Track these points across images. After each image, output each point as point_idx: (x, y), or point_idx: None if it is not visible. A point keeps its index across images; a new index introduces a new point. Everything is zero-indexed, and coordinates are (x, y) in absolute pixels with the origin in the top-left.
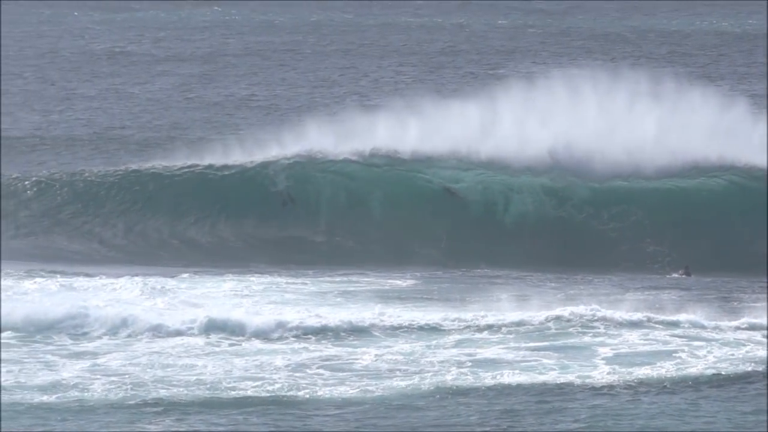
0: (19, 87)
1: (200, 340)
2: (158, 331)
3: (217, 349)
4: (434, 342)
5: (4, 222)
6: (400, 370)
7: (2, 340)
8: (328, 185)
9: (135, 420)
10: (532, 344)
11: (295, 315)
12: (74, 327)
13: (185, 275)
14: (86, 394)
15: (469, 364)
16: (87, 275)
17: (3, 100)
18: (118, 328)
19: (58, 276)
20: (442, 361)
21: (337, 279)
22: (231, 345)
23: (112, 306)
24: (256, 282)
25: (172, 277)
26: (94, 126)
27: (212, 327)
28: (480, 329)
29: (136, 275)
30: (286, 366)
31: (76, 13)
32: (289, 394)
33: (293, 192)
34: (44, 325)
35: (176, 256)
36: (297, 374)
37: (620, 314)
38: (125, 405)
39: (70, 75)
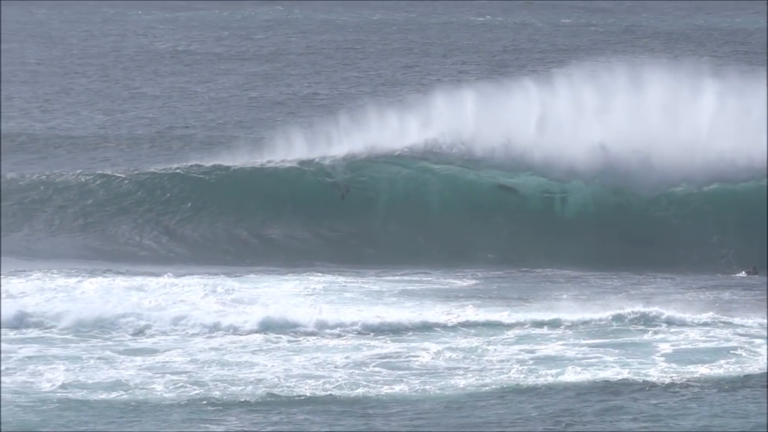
0: (84, 86)
1: (259, 338)
2: (217, 330)
3: (276, 347)
4: (494, 340)
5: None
6: (460, 368)
7: (60, 336)
8: (386, 182)
9: (195, 418)
10: (592, 341)
11: (354, 313)
12: (134, 325)
13: (246, 274)
14: (146, 392)
15: (530, 361)
16: (151, 274)
17: (67, 98)
18: (178, 326)
19: (119, 275)
20: (502, 359)
21: (397, 278)
22: (290, 343)
23: (174, 304)
24: (316, 280)
25: (233, 275)
26: (158, 124)
27: (271, 325)
28: (540, 326)
29: (198, 274)
30: (346, 364)
31: (139, 12)
32: (348, 392)
33: (350, 184)
34: (104, 324)
35: (238, 254)
36: (356, 372)
37: (682, 314)
38: (185, 403)
39: (134, 74)
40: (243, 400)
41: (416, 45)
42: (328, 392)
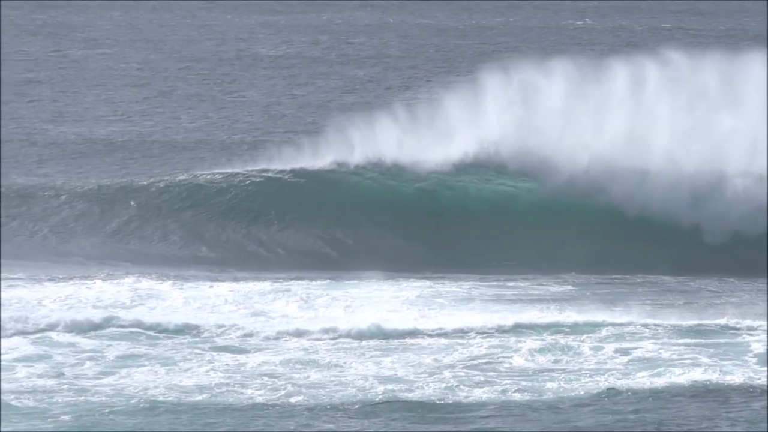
0: (184, 90)
1: (350, 342)
2: (308, 333)
3: (367, 350)
4: (587, 342)
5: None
6: (554, 369)
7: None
8: (473, 186)
9: (288, 422)
10: (687, 341)
11: (444, 316)
12: (227, 329)
13: (337, 279)
14: (236, 395)
15: (625, 363)
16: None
17: (166, 102)
18: (270, 329)
19: (216, 280)
20: (596, 362)
21: (491, 283)
22: (377, 347)
23: (268, 309)
24: (408, 285)
25: (321, 279)
26: (255, 128)
27: (362, 329)
28: (633, 328)
29: (282, 279)
30: (435, 367)
31: (229, 16)
32: (438, 396)
33: (436, 188)
34: (197, 328)
35: (329, 259)
36: (445, 376)
37: None
38: (273, 406)
39: (234, 78)
40: (335, 403)
41: (514, 48)
42: (418, 397)
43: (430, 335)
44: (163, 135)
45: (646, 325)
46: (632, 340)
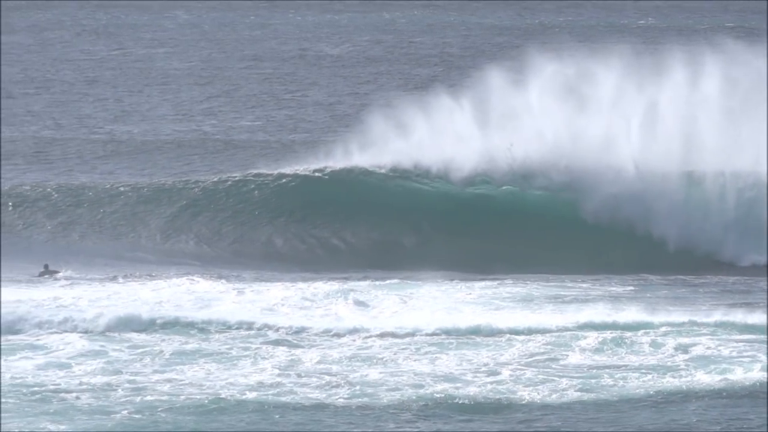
0: (247, 90)
1: (404, 342)
2: (366, 332)
3: (419, 349)
4: (645, 341)
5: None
6: (611, 368)
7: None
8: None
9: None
10: (748, 337)
11: (502, 316)
12: (277, 327)
13: (397, 279)
14: (293, 394)
15: (683, 362)
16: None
17: (229, 101)
18: (321, 328)
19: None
20: (654, 360)
21: (552, 283)
22: (435, 345)
23: (326, 308)
24: (465, 286)
25: (378, 280)
26: (317, 128)
27: (421, 328)
28: (695, 328)
29: (341, 279)
30: (493, 366)
31: (291, 13)
32: (497, 395)
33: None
34: (256, 325)
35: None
36: (504, 375)
37: None
38: (330, 405)
39: (294, 77)
40: (393, 403)
41: (579, 46)
42: (477, 394)
43: (488, 334)
44: (226, 134)
45: (705, 324)
46: (692, 338)
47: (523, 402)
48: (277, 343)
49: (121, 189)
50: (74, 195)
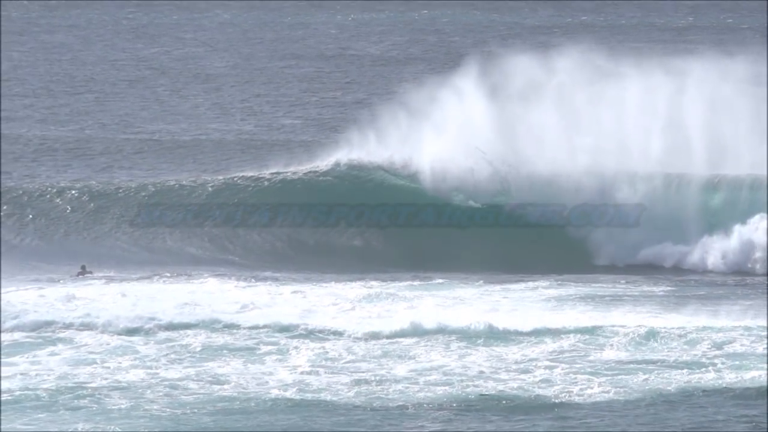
0: (284, 89)
1: (434, 340)
2: (397, 331)
3: (455, 348)
4: (679, 340)
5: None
6: (645, 366)
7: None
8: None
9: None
10: None
11: (530, 316)
12: (311, 327)
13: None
14: (329, 393)
15: (717, 360)
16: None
17: (268, 101)
18: (357, 328)
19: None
20: (687, 359)
21: (581, 284)
22: (462, 345)
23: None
24: (500, 288)
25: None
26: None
27: (447, 328)
28: (730, 328)
29: (378, 281)
30: (522, 361)
31: (335, 13)
32: (532, 393)
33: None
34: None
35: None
36: (531, 371)
37: None
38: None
39: (333, 77)
40: (430, 401)
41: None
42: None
43: (524, 333)
44: (267, 134)
45: (743, 326)
46: (726, 337)
47: (561, 400)
48: (311, 342)
49: (161, 188)
50: (112, 194)
